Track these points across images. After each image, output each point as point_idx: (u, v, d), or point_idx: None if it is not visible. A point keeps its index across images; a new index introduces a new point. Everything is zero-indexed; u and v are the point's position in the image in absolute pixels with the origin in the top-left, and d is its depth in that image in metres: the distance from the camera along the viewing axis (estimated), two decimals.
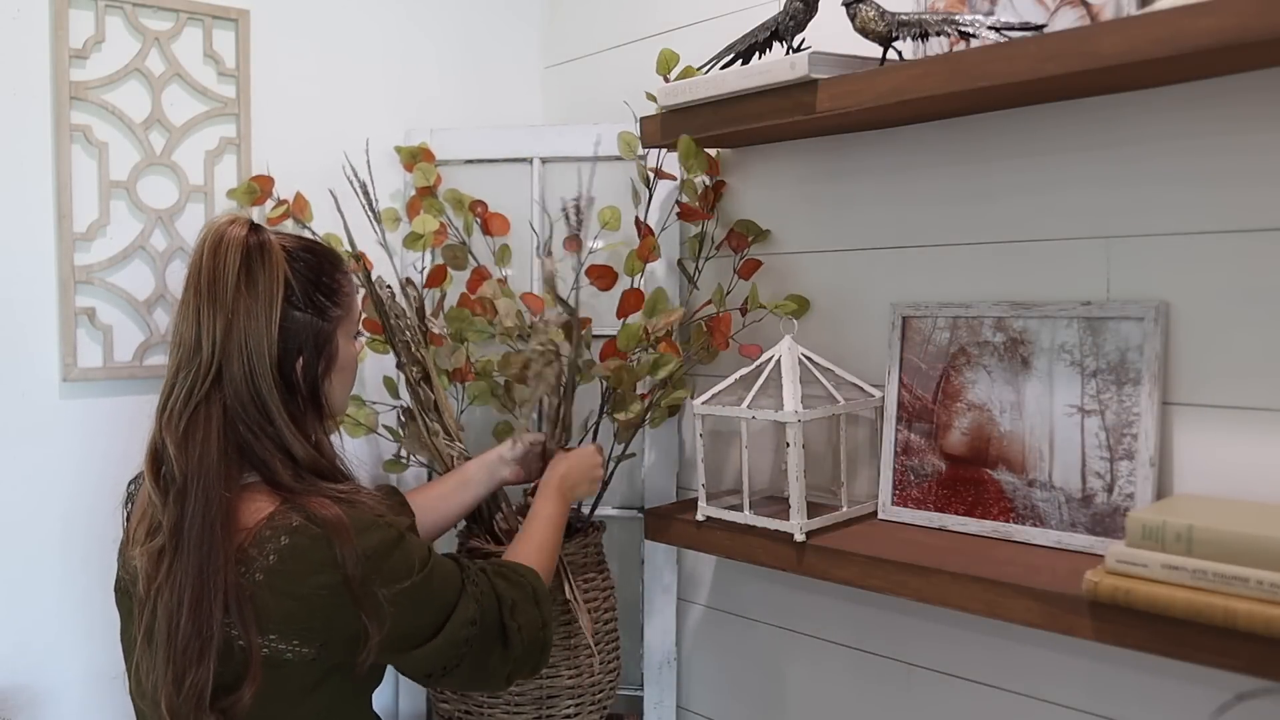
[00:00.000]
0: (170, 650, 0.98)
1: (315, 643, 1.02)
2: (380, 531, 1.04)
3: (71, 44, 1.47)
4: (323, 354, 1.11)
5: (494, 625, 1.13)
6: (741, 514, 1.37)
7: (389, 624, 1.03)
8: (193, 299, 1.05)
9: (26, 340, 1.46)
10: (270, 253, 1.07)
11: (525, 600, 1.16)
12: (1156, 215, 1.15)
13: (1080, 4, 1.14)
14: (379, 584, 1.02)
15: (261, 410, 1.04)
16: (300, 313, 1.08)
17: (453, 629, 1.09)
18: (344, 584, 1.00)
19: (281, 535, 1.00)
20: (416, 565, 1.07)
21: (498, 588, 1.15)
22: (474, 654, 1.11)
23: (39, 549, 1.47)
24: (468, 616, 1.10)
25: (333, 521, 1.01)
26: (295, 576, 1.00)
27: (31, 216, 1.45)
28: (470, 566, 1.15)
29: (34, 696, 1.46)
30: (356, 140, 1.71)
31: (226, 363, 1.03)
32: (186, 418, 1.03)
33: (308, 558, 1.00)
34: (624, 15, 1.80)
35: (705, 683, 1.69)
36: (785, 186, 1.54)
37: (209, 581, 0.98)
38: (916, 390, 1.35)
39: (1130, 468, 1.15)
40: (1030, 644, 1.26)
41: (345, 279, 1.16)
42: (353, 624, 1.02)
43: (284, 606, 1.00)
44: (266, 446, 1.04)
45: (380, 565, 1.03)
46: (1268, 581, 0.91)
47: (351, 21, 1.75)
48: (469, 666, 1.11)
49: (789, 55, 1.27)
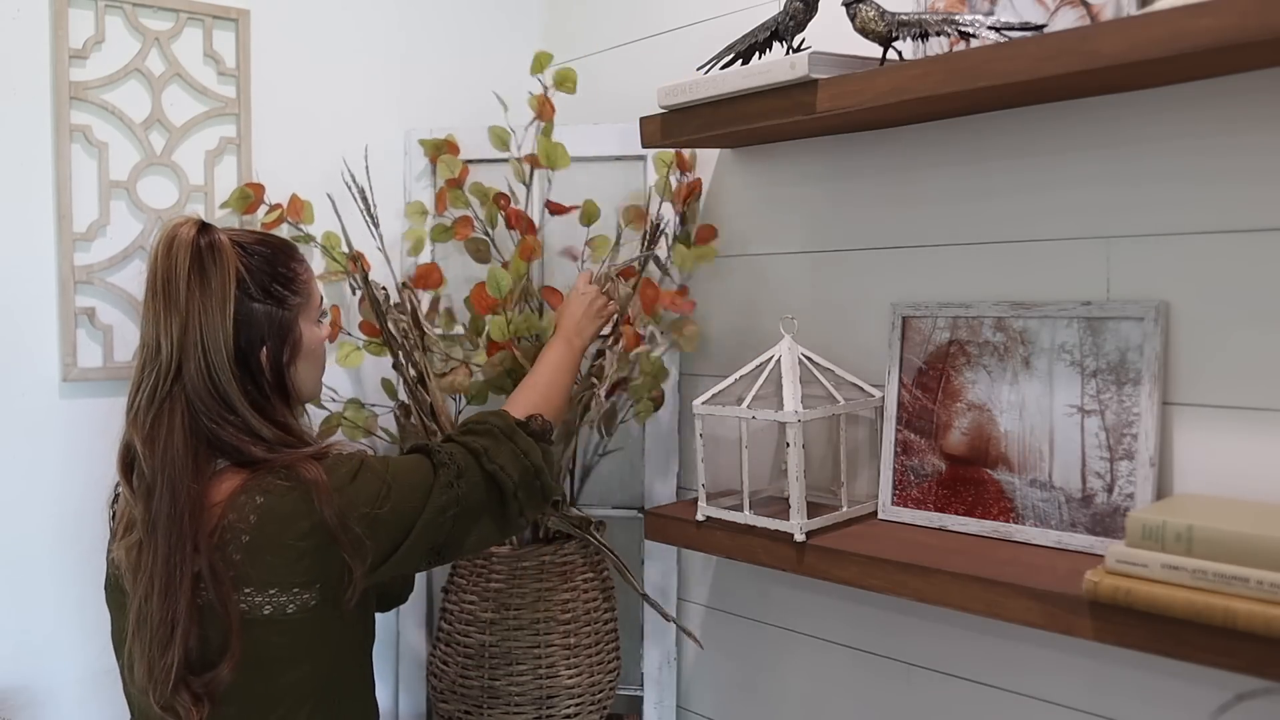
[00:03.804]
0: (146, 637, 1.03)
1: (313, 585, 1.06)
2: (343, 466, 1.10)
3: (71, 44, 1.47)
4: (286, 341, 1.15)
5: (477, 478, 1.17)
6: (741, 514, 1.37)
7: (372, 552, 1.08)
8: (150, 301, 1.08)
9: (26, 340, 1.46)
10: (219, 250, 1.09)
11: (496, 440, 1.21)
12: (1156, 215, 1.15)
13: (1080, 4, 1.14)
14: (354, 517, 1.07)
15: (223, 402, 1.08)
16: (259, 304, 1.12)
17: (435, 500, 1.14)
18: (323, 528, 1.05)
19: (257, 496, 1.06)
20: (386, 483, 1.11)
21: (468, 443, 1.20)
22: (465, 514, 1.16)
23: (38, 548, 1.47)
24: (445, 480, 1.15)
25: (306, 475, 1.06)
26: (278, 530, 1.05)
27: (31, 216, 1.45)
28: (434, 442, 1.20)
29: (33, 696, 1.46)
30: (357, 140, 1.71)
31: (185, 360, 1.07)
32: (151, 416, 1.06)
33: (285, 510, 1.05)
34: (624, 15, 1.80)
35: (705, 683, 1.69)
36: (785, 186, 1.54)
37: (175, 569, 1.02)
38: (916, 390, 1.35)
39: (1130, 468, 1.15)
40: (1030, 644, 1.26)
41: (302, 267, 1.19)
42: (340, 564, 1.07)
43: (275, 560, 1.04)
44: (232, 433, 1.08)
45: (351, 497, 1.08)
46: (1268, 581, 0.91)
47: (351, 22, 1.75)
48: (467, 526, 1.16)
49: (789, 55, 1.26)
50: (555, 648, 1.45)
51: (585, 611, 1.48)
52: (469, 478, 1.17)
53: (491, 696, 1.44)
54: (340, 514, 1.06)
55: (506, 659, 1.44)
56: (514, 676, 1.44)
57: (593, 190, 1.69)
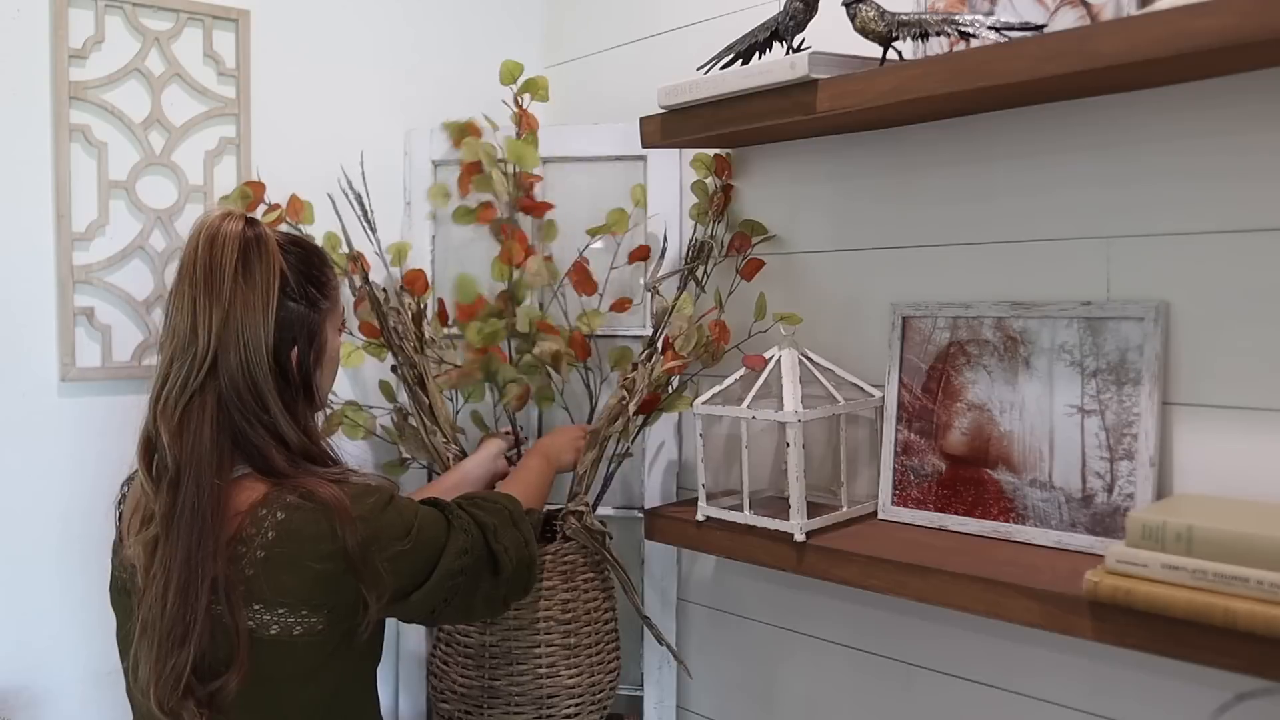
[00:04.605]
0: (156, 635, 1.01)
1: (322, 610, 1.04)
2: (373, 497, 1.09)
3: (71, 44, 1.46)
4: (313, 344, 1.14)
5: (482, 552, 1.17)
6: (741, 514, 1.37)
7: (390, 588, 1.07)
8: (188, 290, 1.06)
9: (25, 340, 1.46)
10: (266, 245, 1.09)
11: (505, 523, 1.21)
12: (1156, 215, 1.15)
13: (1080, 4, 1.14)
14: (377, 550, 1.06)
15: (257, 398, 1.06)
16: (295, 304, 1.12)
17: (446, 563, 1.13)
18: (343, 555, 1.04)
19: (278, 511, 1.04)
20: (413, 524, 1.11)
21: (477, 517, 1.19)
22: (468, 583, 1.16)
23: (38, 548, 1.47)
24: (459, 547, 1.15)
25: (328, 498, 1.04)
26: (297, 549, 1.03)
27: (30, 216, 1.45)
28: (450, 504, 1.20)
29: (34, 696, 1.46)
30: (357, 140, 1.71)
31: (223, 352, 1.05)
32: (181, 407, 1.04)
33: (307, 531, 1.03)
34: (624, 15, 1.79)
35: (705, 683, 1.69)
36: (785, 186, 1.54)
37: (197, 568, 1.00)
38: (916, 390, 1.35)
39: (1130, 468, 1.15)
40: (1030, 644, 1.26)
41: (332, 273, 1.20)
42: (354, 594, 1.05)
43: (289, 580, 1.03)
44: (261, 434, 1.07)
45: (377, 529, 1.07)
46: (1268, 581, 0.91)
47: (352, 22, 1.75)
48: (464, 595, 1.16)
49: (789, 55, 1.26)
50: (555, 648, 1.45)
51: (586, 611, 1.48)
52: (475, 551, 1.17)
53: (491, 696, 1.44)
54: (364, 544, 1.05)
55: (506, 659, 1.44)
56: (514, 676, 1.44)
57: (592, 191, 1.70)
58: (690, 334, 1.47)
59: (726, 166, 1.58)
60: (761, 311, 1.49)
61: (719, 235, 1.57)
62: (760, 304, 1.49)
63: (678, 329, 1.48)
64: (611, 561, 1.50)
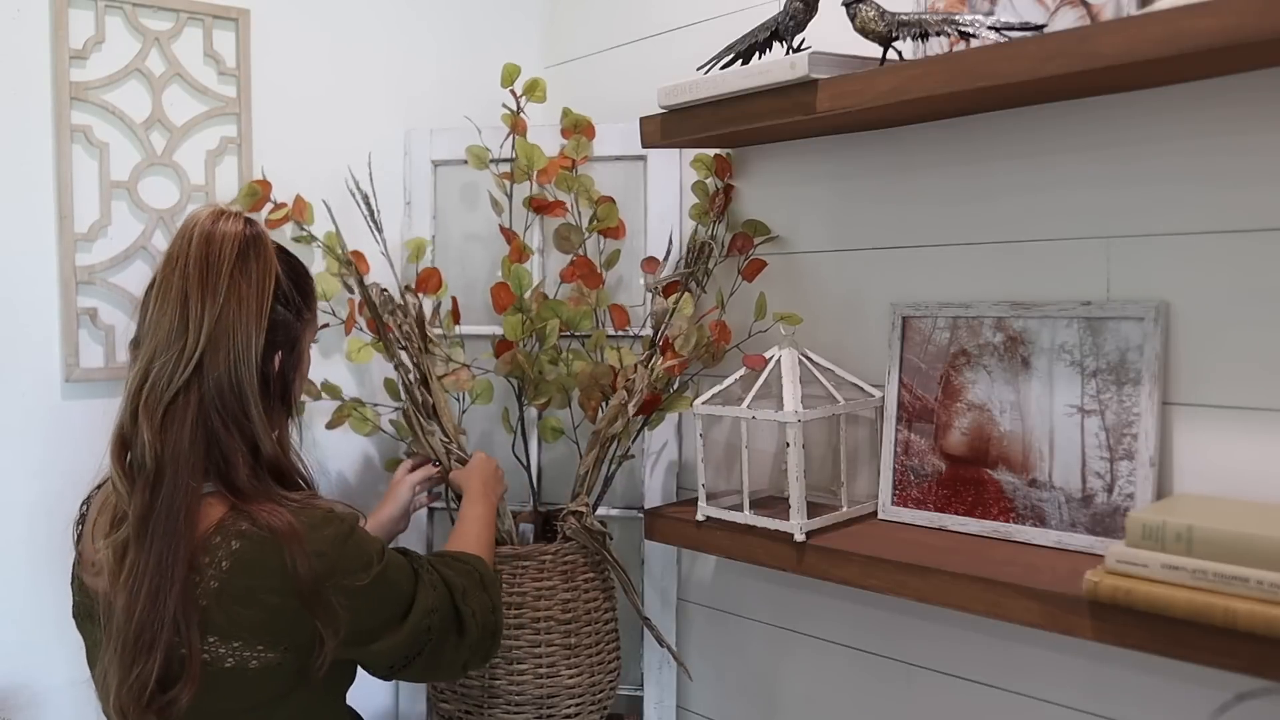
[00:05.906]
0: (123, 640, 0.97)
1: (279, 647, 1.01)
2: (332, 527, 1.04)
3: (71, 44, 1.47)
4: (294, 352, 1.13)
5: (449, 613, 1.14)
6: (741, 514, 1.37)
7: (347, 625, 1.03)
8: (178, 284, 1.03)
9: (28, 340, 1.46)
10: (264, 246, 1.08)
11: (474, 586, 1.18)
12: (1156, 215, 1.15)
13: (1080, 4, 1.14)
14: (332, 584, 1.01)
15: (239, 401, 1.03)
16: (284, 309, 1.10)
17: (415, 618, 1.10)
18: (295, 592, 0.99)
19: (232, 540, 1.00)
20: (373, 558, 1.06)
21: (445, 576, 1.16)
22: (433, 643, 1.12)
23: (39, 549, 1.47)
24: (428, 605, 1.11)
25: (282, 529, 1.00)
26: (249, 583, 0.99)
27: (33, 217, 1.45)
28: (419, 557, 1.17)
29: (33, 696, 1.46)
30: (357, 139, 1.71)
31: (211, 350, 1.02)
32: (165, 404, 1.01)
33: (259, 565, 1.00)
34: (624, 15, 1.80)
35: (705, 683, 1.69)
36: (785, 187, 1.54)
37: (168, 573, 0.97)
38: (916, 390, 1.35)
39: (1130, 468, 1.15)
40: (1030, 644, 1.26)
41: (314, 284, 1.19)
42: (310, 630, 1.01)
43: (242, 614, 0.99)
44: (235, 441, 1.04)
45: (334, 562, 1.02)
46: (1268, 581, 0.91)
47: (352, 21, 1.75)
48: (428, 655, 1.12)
49: (789, 55, 1.27)
50: (556, 648, 1.45)
51: (586, 611, 1.48)
52: (443, 611, 1.13)
53: (491, 696, 1.44)
54: (317, 578, 1.00)
55: (506, 659, 1.44)
56: (514, 676, 1.44)
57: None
58: (690, 334, 1.47)
59: (727, 167, 1.58)
60: (761, 311, 1.49)
61: (719, 235, 1.58)
62: (760, 304, 1.49)
63: (678, 329, 1.48)
64: (612, 562, 1.50)
